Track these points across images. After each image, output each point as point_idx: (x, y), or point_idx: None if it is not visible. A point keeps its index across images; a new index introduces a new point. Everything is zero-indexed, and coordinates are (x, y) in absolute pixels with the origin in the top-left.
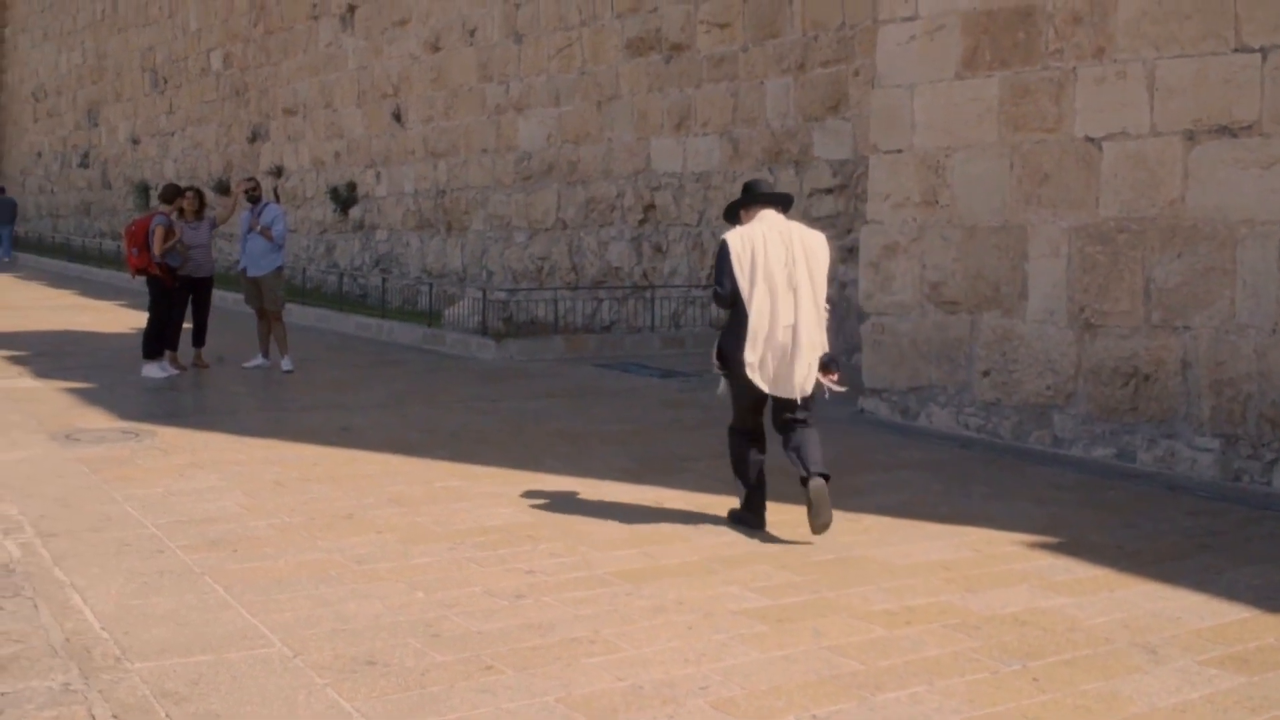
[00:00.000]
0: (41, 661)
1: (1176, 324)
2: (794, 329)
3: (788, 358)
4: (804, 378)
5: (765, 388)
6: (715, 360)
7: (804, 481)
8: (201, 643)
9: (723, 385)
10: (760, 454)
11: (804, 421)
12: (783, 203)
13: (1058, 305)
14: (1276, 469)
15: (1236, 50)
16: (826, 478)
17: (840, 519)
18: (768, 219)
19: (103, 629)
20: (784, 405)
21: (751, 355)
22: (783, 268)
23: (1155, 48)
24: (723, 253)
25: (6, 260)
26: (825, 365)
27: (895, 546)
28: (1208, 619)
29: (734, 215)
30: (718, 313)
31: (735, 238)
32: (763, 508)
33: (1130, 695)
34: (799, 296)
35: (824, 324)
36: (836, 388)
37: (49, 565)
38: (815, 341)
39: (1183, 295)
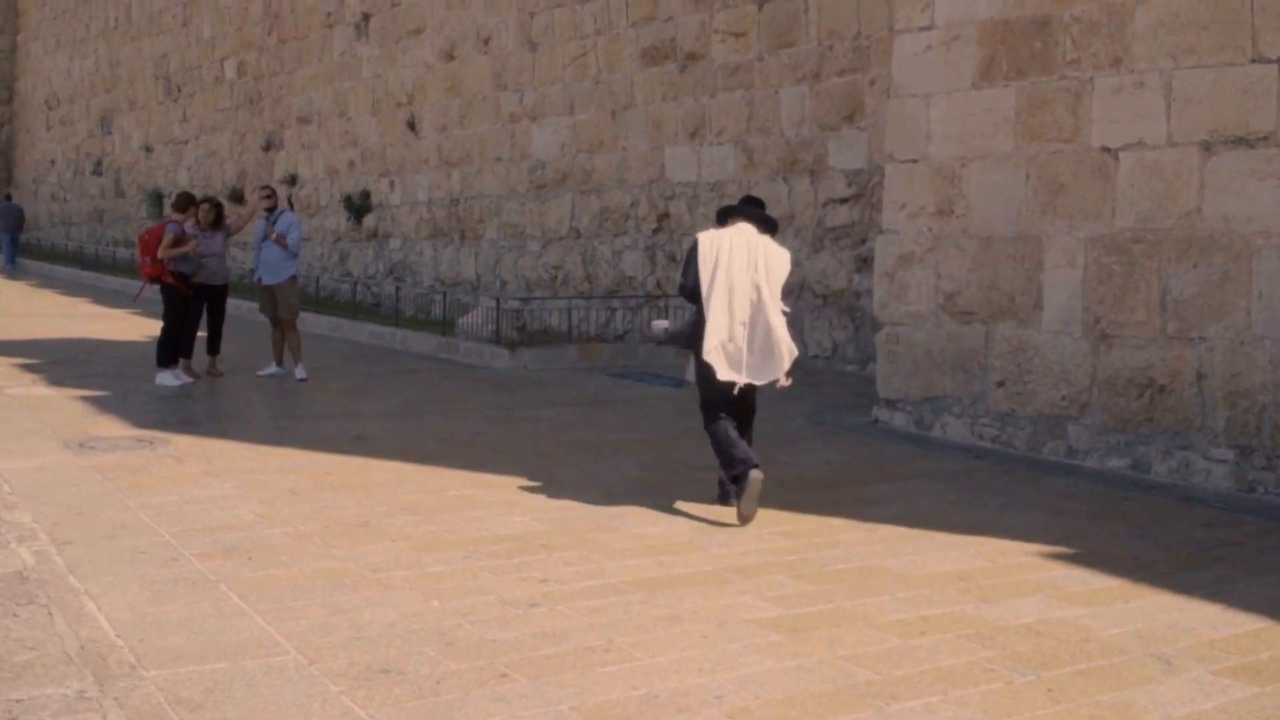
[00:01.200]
0: (56, 669)
1: (1192, 335)
2: (748, 326)
3: (741, 351)
4: (751, 372)
5: (722, 374)
6: (656, 337)
7: (742, 475)
8: (216, 650)
9: (690, 369)
10: (727, 436)
11: (749, 408)
12: (767, 225)
13: (1073, 316)
14: None
15: (1254, 61)
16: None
17: (855, 529)
18: (741, 229)
19: (117, 636)
20: (738, 394)
21: (709, 343)
22: (745, 270)
23: (1172, 58)
24: (692, 249)
25: (10, 268)
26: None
27: (910, 556)
28: (1222, 630)
29: (723, 219)
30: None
31: (706, 237)
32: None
33: (1145, 706)
34: (761, 297)
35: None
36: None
37: (63, 573)
38: (772, 339)
39: (1198, 306)
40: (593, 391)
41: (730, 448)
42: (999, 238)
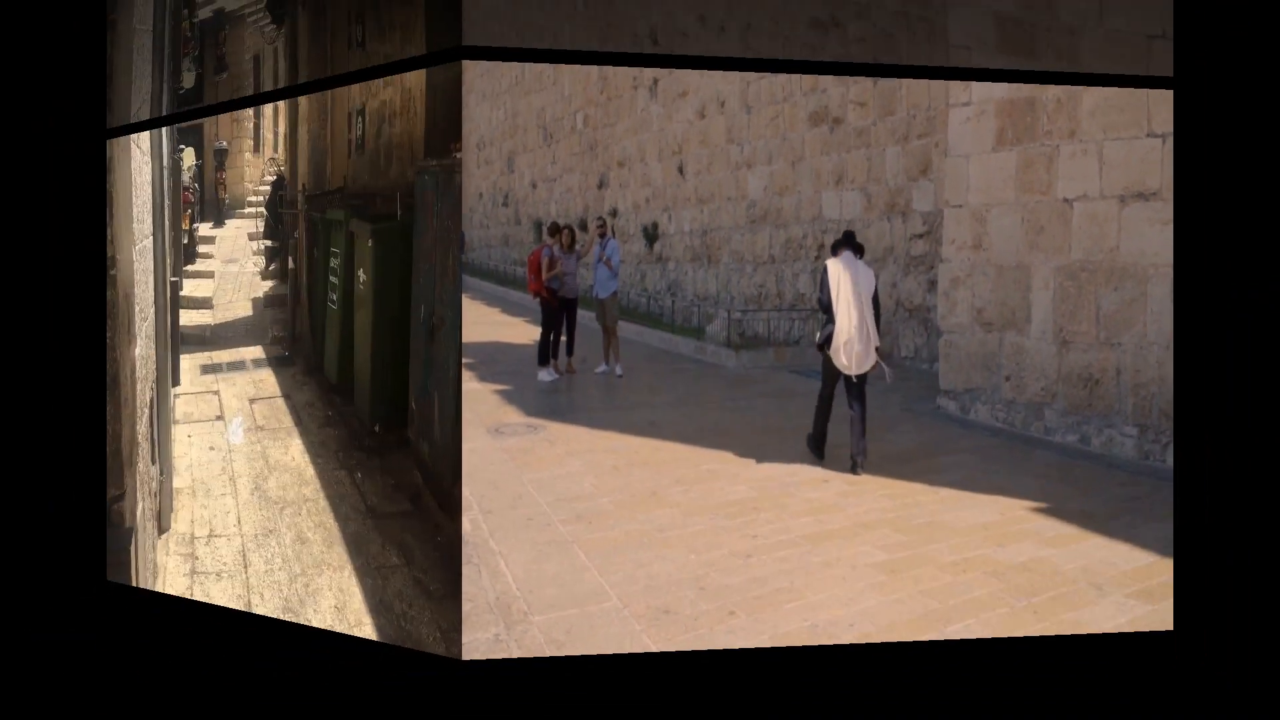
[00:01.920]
0: (483, 616)
1: (1114, 341)
2: (858, 329)
3: (855, 348)
4: (861, 362)
5: (845, 368)
6: (818, 345)
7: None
8: (572, 599)
9: (820, 336)
10: (828, 408)
11: (861, 392)
12: (860, 251)
13: (1047, 327)
14: (1169, 450)
15: (1149, 135)
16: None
17: (927, 491)
18: (848, 256)
19: (517, 589)
20: (849, 379)
21: (836, 343)
22: (855, 288)
23: (1103, 131)
24: (824, 274)
25: None
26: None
27: (957, 512)
28: (1131, 564)
29: (835, 249)
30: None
31: (834, 265)
32: (824, 438)
33: (1089, 620)
34: (863, 307)
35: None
36: (888, 369)
37: (486, 537)
38: (872, 339)
39: (1117, 320)
40: (782, 386)
41: (821, 420)
42: (1007, 266)
